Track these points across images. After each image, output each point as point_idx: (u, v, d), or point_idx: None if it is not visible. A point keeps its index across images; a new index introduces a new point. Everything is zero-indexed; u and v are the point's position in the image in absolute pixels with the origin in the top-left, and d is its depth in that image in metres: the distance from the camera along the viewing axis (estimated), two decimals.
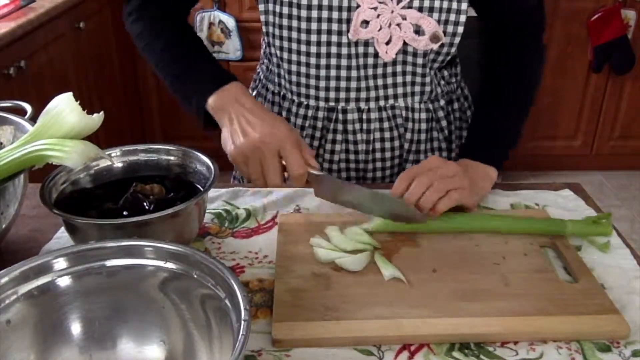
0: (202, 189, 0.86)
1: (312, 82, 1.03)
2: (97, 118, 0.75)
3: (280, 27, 1.00)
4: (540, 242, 0.89)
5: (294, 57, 1.02)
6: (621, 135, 3.07)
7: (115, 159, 0.91)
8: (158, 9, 1.03)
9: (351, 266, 0.82)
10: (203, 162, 0.90)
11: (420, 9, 0.96)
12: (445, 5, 0.96)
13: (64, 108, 0.74)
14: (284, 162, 0.87)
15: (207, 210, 0.94)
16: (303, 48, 1.00)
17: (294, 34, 0.99)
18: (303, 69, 1.03)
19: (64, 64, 2.23)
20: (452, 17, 0.97)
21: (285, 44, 1.02)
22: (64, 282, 0.67)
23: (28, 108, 0.94)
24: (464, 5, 0.96)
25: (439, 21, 0.97)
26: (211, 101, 0.93)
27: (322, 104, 1.05)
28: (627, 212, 2.90)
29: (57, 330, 0.66)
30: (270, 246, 0.90)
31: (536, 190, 1.05)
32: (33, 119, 0.86)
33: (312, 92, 1.05)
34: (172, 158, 0.93)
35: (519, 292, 0.78)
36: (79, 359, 0.66)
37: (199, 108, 0.95)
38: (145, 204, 0.82)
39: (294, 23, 0.98)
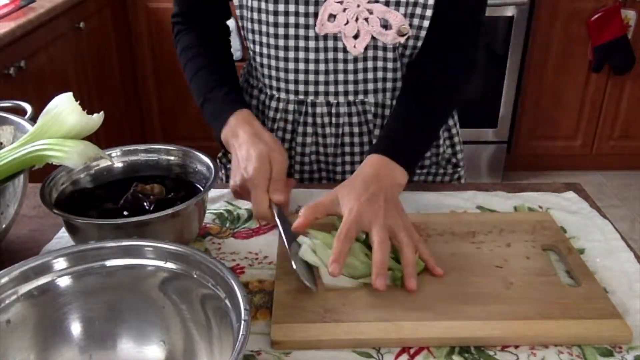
0: (202, 189, 0.86)
1: (282, 74, 1.04)
2: (97, 118, 0.75)
3: (252, 20, 1.02)
4: (542, 245, 0.88)
5: (265, 50, 1.03)
6: (621, 135, 3.07)
7: (115, 159, 0.91)
8: (194, 32, 1.10)
9: (325, 278, 0.79)
10: (203, 162, 0.89)
11: (386, 3, 0.96)
12: None
13: (64, 108, 0.74)
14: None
15: (208, 211, 0.94)
16: (272, 41, 1.01)
17: (264, 27, 1.01)
18: (273, 62, 1.04)
19: (64, 64, 2.23)
20: (419, 10, 0.96)
21: (257, 37, 1.03)
22: (64, 282, 0.66)
23: (28, 108, 0.94)
24: (431, 0, 0.96)
25: (405, 15, 0.97)
26: (222, 136, 0.97)
27: (292, 97, 1.06)
28: (627, 212, 2.90)
29: (57, 330, 0.66)
30: (270, 247, 0.89)
31: (539, 192, 1.05)
32: (33, 119, 0.86)
33: (282, 85, 1.06)
34: (172, 158, 0.93)
35: (520, 296, 0.78)
36: (79, 359, 0.66)
37: (220, 143, 1.00)
38: (145, 204, 0.82)
39: (263, 16, 1.00)
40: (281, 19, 0.98)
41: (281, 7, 0.97)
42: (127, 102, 2.82)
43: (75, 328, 0.67)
